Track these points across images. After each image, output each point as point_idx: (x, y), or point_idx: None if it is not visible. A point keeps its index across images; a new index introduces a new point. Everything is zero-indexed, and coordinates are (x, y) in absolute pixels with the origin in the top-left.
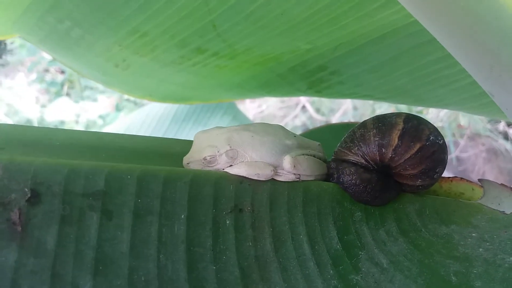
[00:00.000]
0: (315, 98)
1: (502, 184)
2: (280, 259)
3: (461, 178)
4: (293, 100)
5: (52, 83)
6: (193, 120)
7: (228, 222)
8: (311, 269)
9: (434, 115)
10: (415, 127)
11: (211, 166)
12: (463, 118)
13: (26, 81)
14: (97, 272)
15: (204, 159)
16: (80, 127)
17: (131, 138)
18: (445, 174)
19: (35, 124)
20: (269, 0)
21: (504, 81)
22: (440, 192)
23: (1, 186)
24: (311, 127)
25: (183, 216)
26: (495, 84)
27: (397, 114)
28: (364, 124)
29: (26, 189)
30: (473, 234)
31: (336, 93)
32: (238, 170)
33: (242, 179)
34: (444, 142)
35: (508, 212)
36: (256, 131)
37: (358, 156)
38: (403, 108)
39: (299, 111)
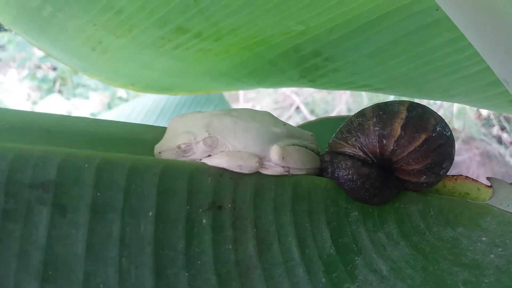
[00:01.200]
0: (309, 99)
1: None
2: (265, 264)
3: (466, 177)
4: (287, 101)
5: (44, 79)
6: (183, 113)
7: (204, 221)
8: (300, 277)
9: None
10: (420, 116)
11: (186, 156)
12: (458, 122)
13: (17, 78)
14: (46, 277)
15: (179, 147)
16: None
17: (96, 123)
18: None
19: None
20: None
21: None
22: (443, 191)
23: None
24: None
25: (151, 213)
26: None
27: (400, 102)
28: (363, 113)
29: None
30: (483, 238)
31: (331, 82)
32: (217, 160)
33: (222, 172)
34: (451, 134)
35: None
36: (240, 116)
37: (356, 148)
38: None
39: (293, 112)
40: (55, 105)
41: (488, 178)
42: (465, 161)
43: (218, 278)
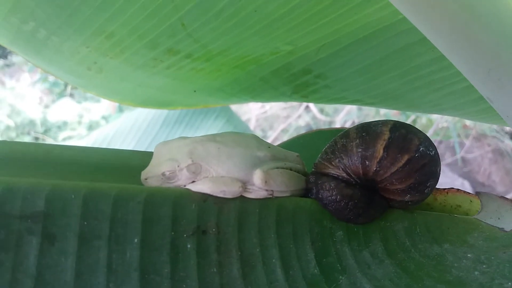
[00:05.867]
0: None
1: (502, 197)
2: (249, 286)
3: (458, 190)
4: None
5: (55, 83)
6: (185, 123)
7: (189, 246)
8: None
9: (439, 116)
10: (403, 137)
11: (171, 183)
12: None
13: (29, 82)
14: None
15: (163, 174)
16: (82, 128)
17: (83, 151)
18: (451, 175)
19: (38, 125)
20: None
21: (503, 85)
22: (434, 205)
23: None
24: (314, 127)
25: (136, 240)
26: (494, 88)
27: (384, 122)
28: (347, 133)
29: None
30: (469, 255)
31: (323, 98)
32: (201, 186)
33: (206, 197)
34: (436, 153)
35: (508, 230)
36: (224, 141)
37: (339, 169)
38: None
39: (303, 111)
40: (67, 108)
41: (476, 193)
42: (477, 158)
43: None
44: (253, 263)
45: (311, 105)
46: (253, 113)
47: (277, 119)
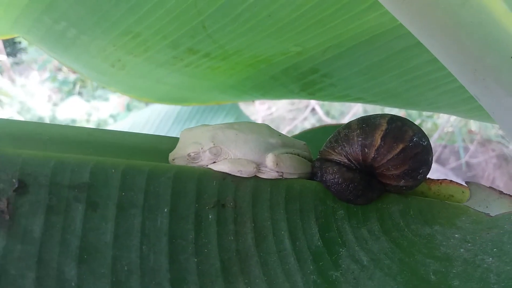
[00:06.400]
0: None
1: (490, 187)
2: (261, 253)
3: (451, 181)
4: (303, 102)
5: (64, 82)
6: (196, 120)
7: (210, 216)
8: (291, 264)
9: (445, 120)
10: (399, 128)
11: (195, 163)
12: (474, 124)
13: (39, 80)
14: (82, 260)
15: (188, 155)
16: (91, 126)
17: (119, 134)
18: (455, 179)
19: (47, 122)
20: (255, 2)
21: (488, 84)
22: (429, 194)
23: None
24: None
25: (166, 210)
26: (480, 87)
27: (382, 116)
28: (349, 125)
29: (14, 180)
30: (456, 235)
31: (329, 95)
32: (221, 166)
33: (225, 176)
34: (428, 143)
35: (493, 215)
36: (240, 129)
37: (342, 156)
38: (412, 112)
39: (309, 114)
40: (75, 107)
41: (466, 183)
42: (481, 163)
43: (221, 263)
44: (265, 233)
45: (317, 107)
46: (260, 114)
47: (283, 120)
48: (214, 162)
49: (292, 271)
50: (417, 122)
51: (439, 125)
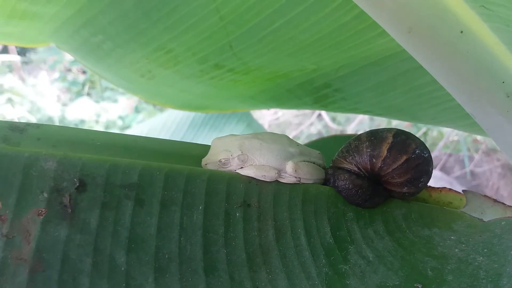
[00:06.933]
0: None
1: (485, 196)
2: (280, 247)
3: (450, 189)
4: None
5: (74, 82)
6: (210, 126)
7: (237, 214)
8: (306, 258)
9: (450, 129)
10: (403, 142)
11: (225, 168)
12: None
13: (48, 80)
14: (130, 248)
15: (220, 161)
16: (100, 127)
17: (159, 142)
18: (459, 188)
19: (56, 122)
20: (279, 27)
21: (482, 105)
22: (429, 200)
23: (56, 176)
24: (326, 135)
25: (200, 207)
26: (475, 107)
27: (389, 130)
28: (359, 137)
29: (75, 179)
30: (452, 237)
31: (340, 108)
32: (247, 171)
33: (250, 179)
34: (429, 155)
35: (486, 220)
36: (264, 139)
37: (352, 165)
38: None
39: (315, 119)
40: (85, 107)
41: (463, 191)
42: (485, 172)
43: (247, 255)
44: (284, 230)
45: (324, 113)
46: (266, 119)
47: (289, 125)
48: (242, 168)
49: (307, 263)
50: (423, 130)
51: (445, 134)
